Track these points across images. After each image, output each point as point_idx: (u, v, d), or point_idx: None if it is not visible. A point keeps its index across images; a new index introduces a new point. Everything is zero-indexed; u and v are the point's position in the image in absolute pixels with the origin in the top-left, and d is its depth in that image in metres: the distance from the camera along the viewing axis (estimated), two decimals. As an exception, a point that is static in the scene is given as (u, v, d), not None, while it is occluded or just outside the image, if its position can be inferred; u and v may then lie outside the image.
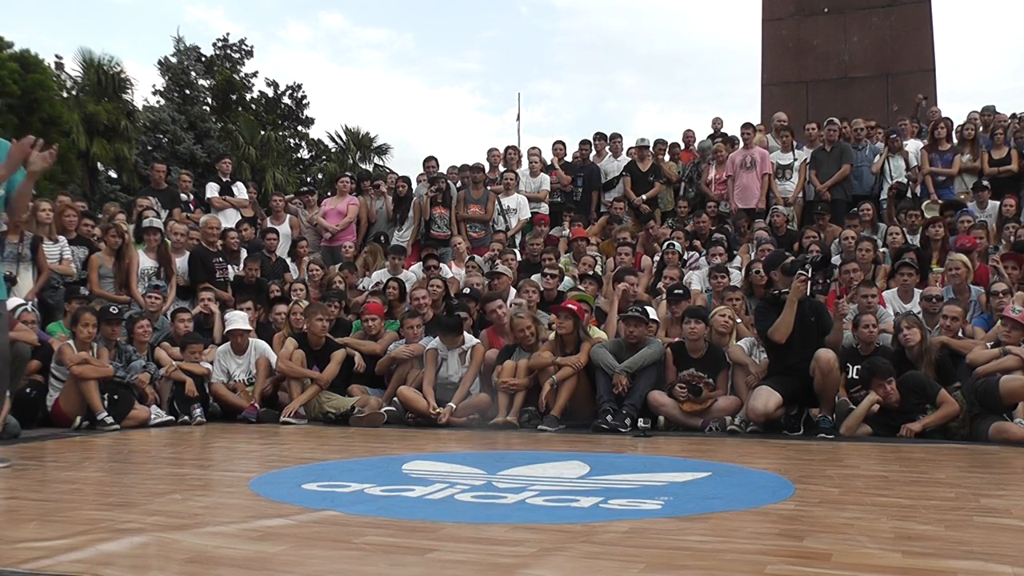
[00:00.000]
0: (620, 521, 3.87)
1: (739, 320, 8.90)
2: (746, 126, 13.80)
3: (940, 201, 12.29)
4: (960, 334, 8.29)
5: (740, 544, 3.41)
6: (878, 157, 13.16)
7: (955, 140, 13.33)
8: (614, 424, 7.88)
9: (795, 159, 13.32)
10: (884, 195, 12.94)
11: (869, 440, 7.26)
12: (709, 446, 7.00)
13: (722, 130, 15.90)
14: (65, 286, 10.31)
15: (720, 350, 8.39)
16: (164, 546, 3.44)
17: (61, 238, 10.67)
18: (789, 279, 7.73)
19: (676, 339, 8.70)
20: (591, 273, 10.54)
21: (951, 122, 13.82)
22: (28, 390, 8.34)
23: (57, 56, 36.85)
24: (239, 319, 9.68)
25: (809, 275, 7.62)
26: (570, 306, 8.62)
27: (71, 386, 8.38)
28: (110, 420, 8.25)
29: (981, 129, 13.71)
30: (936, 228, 10.83)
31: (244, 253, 12.08)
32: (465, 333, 8.98)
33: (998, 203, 11.69)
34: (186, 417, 8.88)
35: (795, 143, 13.60)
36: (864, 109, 15.96)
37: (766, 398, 7.65)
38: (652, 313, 8.86)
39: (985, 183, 12.22)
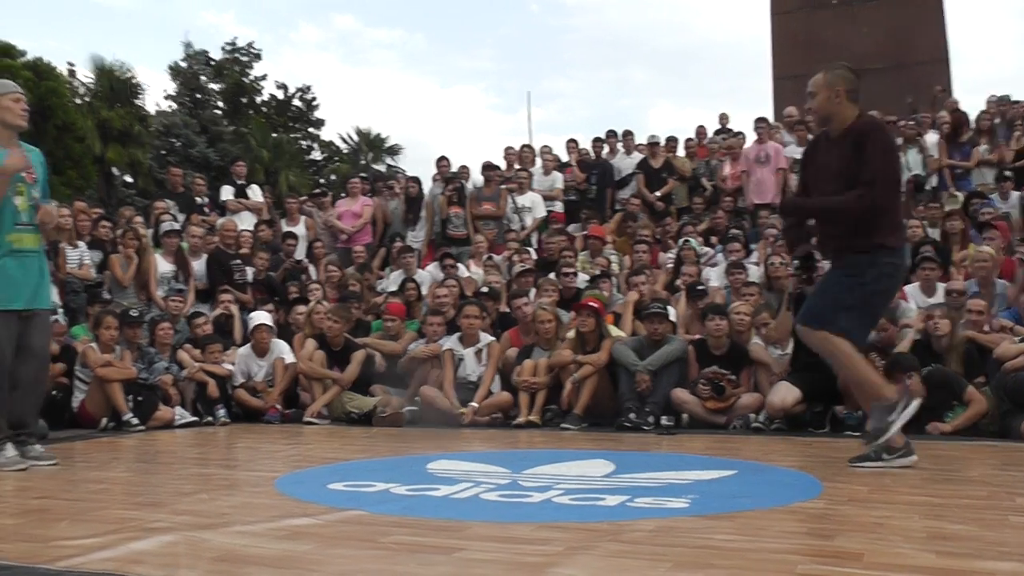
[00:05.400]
0: (646, 520, 3.84)
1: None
2: (760, 120, 13.75)
3: (958, 193, 12.20)
4: (987, 328, 8.16)
5: (768, 543, 3.38)
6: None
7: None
8: (637, 422, 7.86)
9: (809, 154, 13.22)
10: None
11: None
12: (733, 444, 6.98)
13: (728, 125, 15.88)
14: (87, 290, 10.37)
15: (743, 347, 8.35)
16: (193, 545, 3.45)
17: (81, 243, 10.73)
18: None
19: (697, 336, 8.69)
20: (606, 271, 10.52)
21: (966, 115, 13.72)
22: (54, 392, 8.44)
23: (69, 63, 36.85)
24: (262, 315, 9.77)
25: (792, 271, 7.57)
26: (592, 304, 8.61)
27: (96, 388, 8.49)
28: (135, 421, 8.35)
29: (998, 120, 13.63)
30: (954, 222, 10.72)
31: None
32: (480, 332, 8.99)
33: (1019, 194, 11.61)
34: (210, 418, 8.94)
35: (810, 137, 13.53)
36: (877, 101, 15.83)
37: (784, 393, 7.63)
38: (671, 312, 8.84)
39: (1007, 173, 12.13)
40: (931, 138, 13.20)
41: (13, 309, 5.83)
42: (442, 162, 14.87)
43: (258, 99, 44.22)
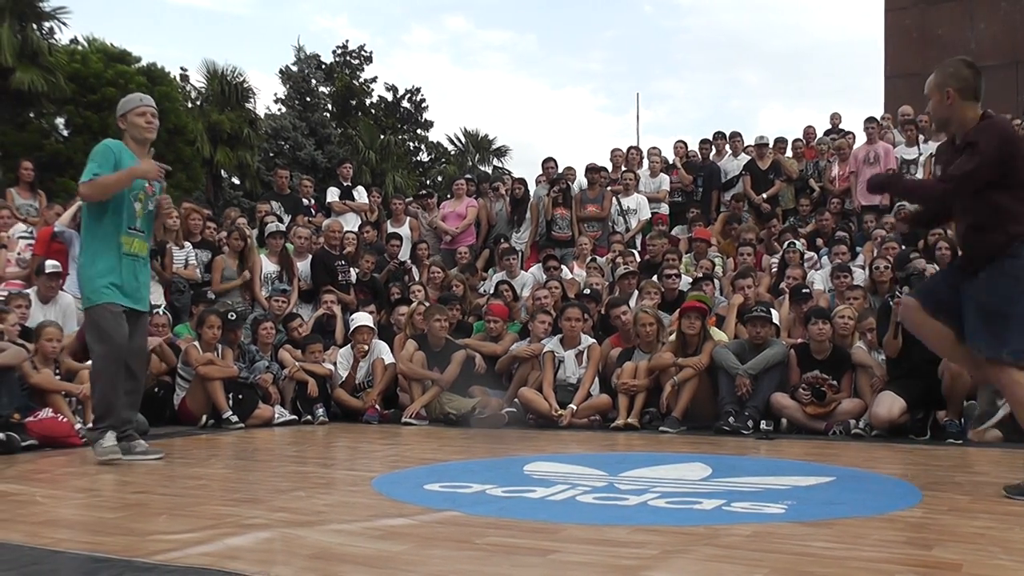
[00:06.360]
0: (743, 524, 3.83)
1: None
2: (869, 120, 13.49)
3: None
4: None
5: (866, 552, 3.34)
6: None
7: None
8: (736, 426, 7.82)
9: (920, 153, 12.95)
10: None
11: (1000, 446, 6.96)
12: (833, 450, 6.88)
13: (840, 125, 15.62)
14: (191, 289, 10.66)
15: (845, 351, 8.24)
16: (289, 542, 3.52)
17: (187, 244, 11.00)
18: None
19: (799, 340, 8.59)
20: (709, 274, 10.45)
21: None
22: (156, 389, 8.68)
23: (182, 68, 38.03)
24: (363, 317, 9.93)
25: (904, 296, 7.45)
26: (699, 306, 8.58)
27: (197, 386, 8.69)
28: (235, 419, 8.54)
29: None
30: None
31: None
32: (582, 334, 9.00)
33: None
34: (309, 417, 9.11)
35: (921, 137, 13.25)
36: (992, 99, 15.33)
37: (890, 404, 7.49)
38: (774, 315, 8.75)
39: None
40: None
41: (123, 305, 6.06)
42: (548, 163, 14.92)
43: (367, 102, 44.95)
